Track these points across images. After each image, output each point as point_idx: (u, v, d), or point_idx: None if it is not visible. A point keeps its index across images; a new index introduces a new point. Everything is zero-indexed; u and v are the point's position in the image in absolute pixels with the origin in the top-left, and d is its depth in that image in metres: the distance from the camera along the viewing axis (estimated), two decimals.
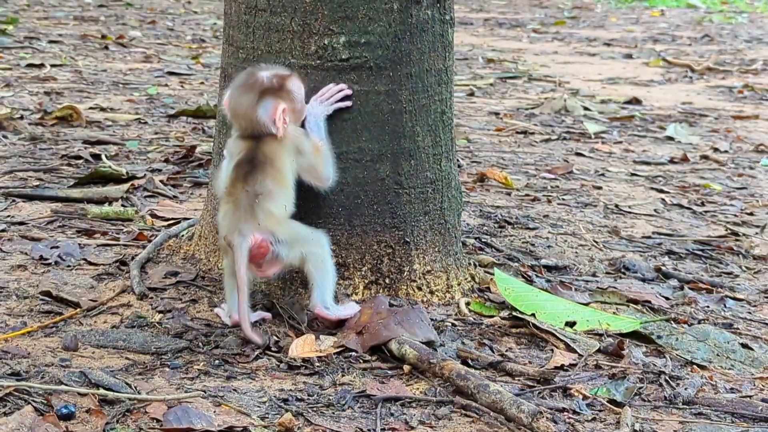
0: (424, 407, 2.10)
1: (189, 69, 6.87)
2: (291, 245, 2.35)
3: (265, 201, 2.33)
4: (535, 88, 7.07)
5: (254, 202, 2.32)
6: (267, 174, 2.35)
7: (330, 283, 2.40)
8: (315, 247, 2.39)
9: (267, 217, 2.32)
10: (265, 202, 2.33)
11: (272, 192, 2.34)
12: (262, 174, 2.34)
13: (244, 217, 2.31)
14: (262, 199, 2.33)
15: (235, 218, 2.32)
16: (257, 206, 2.32)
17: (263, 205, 2.32)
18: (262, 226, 2.31)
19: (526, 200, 3.88)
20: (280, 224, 2.34)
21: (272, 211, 2.33)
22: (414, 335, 2.33)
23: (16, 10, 9.65)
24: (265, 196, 2.33)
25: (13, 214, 3.25)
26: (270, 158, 2.36)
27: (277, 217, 2.34)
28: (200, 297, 2.58)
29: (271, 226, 2.32)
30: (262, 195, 2.33)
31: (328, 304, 2.39)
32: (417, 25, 2.61)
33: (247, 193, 2.33)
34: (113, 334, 2.34)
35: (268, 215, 2.32)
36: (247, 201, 2.32)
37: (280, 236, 2.33)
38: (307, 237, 2.39)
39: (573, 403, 2.15)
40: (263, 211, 2.32)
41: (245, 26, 2.64)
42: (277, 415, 2.02)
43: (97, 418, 1.93)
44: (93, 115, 4.97)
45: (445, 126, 2.73)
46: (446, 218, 2.73)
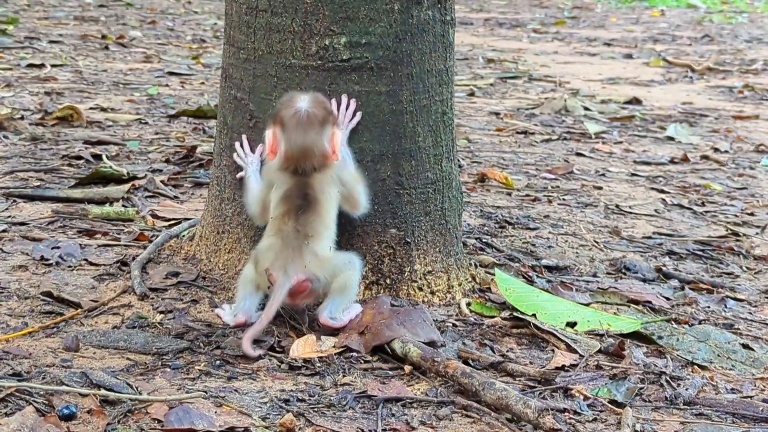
0: (425, 408, 2.10)
1: (189, 69, 6.87)
2: (329, 281, 2.38)
3: (314, 243, 2.34)
4: (536, 88, 7.07)
5: (303, 243, 2.33)
6: (318, 214, 2.36)
7: (348, 301, 2.42)
8: (348, 275, 2.40)
9: (314, 260, 2.34)
10: (313, 244, 2.34)
11: (321, 234, 2.36)
12: (313, 214, 2.35)
13: (292, 257, 2.32)
14: (312, 241, 2.34)
15: (282, 256, 2.33)
16: (306, 248, 2.33)
17: (312, 247, 2.34)
18: (308, 269, 2.33)
19: (526, 200, 3.88)
20: (324, 265, 2.36)
21: (319, 254, 2.35)
22: (416, 335, 2.33)
23: (17, 10, 9.65)
24: (315, 237, 2.35)
25: (14, 214, 3.25)
26: (320, 195, 2.37)
27: (323, 258, 2.36)
28: (201, 297, 2.58)
29: (316, 268, 2.34)
30: (313, 237, 2.34)
31: (335, 315, 2.39)
32: (418, 26, 2.61)
33: (297, 233, 2.34)
34: (114, 334, 2.34)
35: (315, 257, 2.34)
36: (297, 241, 2.33)
37: (322, 276, 2.36)
38: (344, 267, 2.40)
39: (574, 404, 2.15)
40: (311, 253, 2.33)
41: (246, 27, 2.64)
42: (279, 415, 2.02)
43: (98, 418, 1.93)
44: (93, 116, 4.97)
45: (446, 126, 2.73)
46: (447, 218, 2.73)
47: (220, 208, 2.75)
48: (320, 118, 2.38)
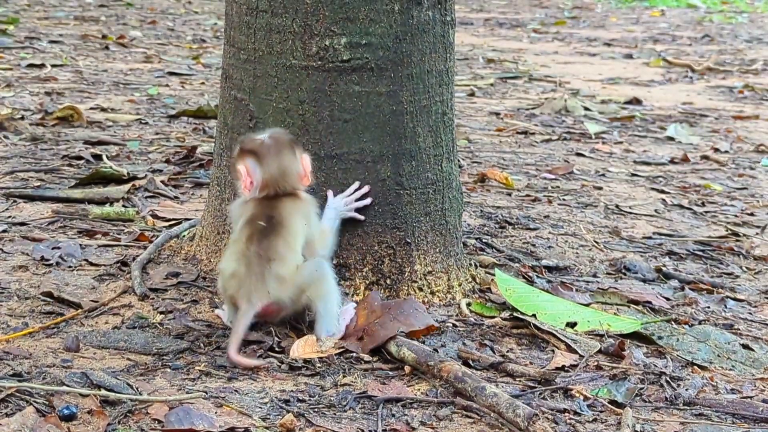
0: (426, 408, 2.11)
1: (190, 69, 6.88)
2: (298, 297, 2.35)
3: (276, 266, 2.31)
4: (536, 88, 7.07)
5: (266, 267, 2.30)
6: (280, 236, 2.33)
7: (334, 309, 2.39)
8: (319, 286, 2.36)
9: (276, 285, 2.30)
10: (276, 268, 2.31)
11: (285, 257, 2.32)
12: (275, 237, 2.33)
13: (255, 285, 2.29)
14: (275, 265, 2.31)
15: (246, 283, 2.29)
16: (268, 272, 2.30)
17: (275, 270, 2.30)
18: (273, 294, 2.31)
19: (526, 201, 3.88)
20: (288, 288, 2.32)
21: (283, 277, 2.31)
22: (411, 326, 2.33)
23: (17, 10, 9.65)
24: (278, 261, 2.31)
25: (14, 214, 3.25)
26: (286, 219, 2.36)
27: (288, 281, 2.32)
28: (201, 298, 2.59)
29: (281, 292, 2.31)
30: (275, 261, 2.31)
31: (331, 329, 2.38)
32: (418, 27, 2.61)
33: (260, 258, 2.30)
34: (114, 334, 2.34)
35: (279, 281, 2.31)
36: (259, 266, 2.30)
37: (287, 298, 2.33)
38: (312, 279, 2.36)
39: (574, 404, 2.15)
40: (274, 278, 2.30)
41: (246, 27, 2.64)
42: (279, 416, 2.02)
43: (98, 419, 1.93)
44: (94, 116, 4.97)
45: (446, 127, 2.73)
46: (447, 219, 2.74)
47: (220, 208, 2.75)
48: (289, 141, 2.43)
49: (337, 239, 2.53)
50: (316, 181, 2.53)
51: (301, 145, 2.53)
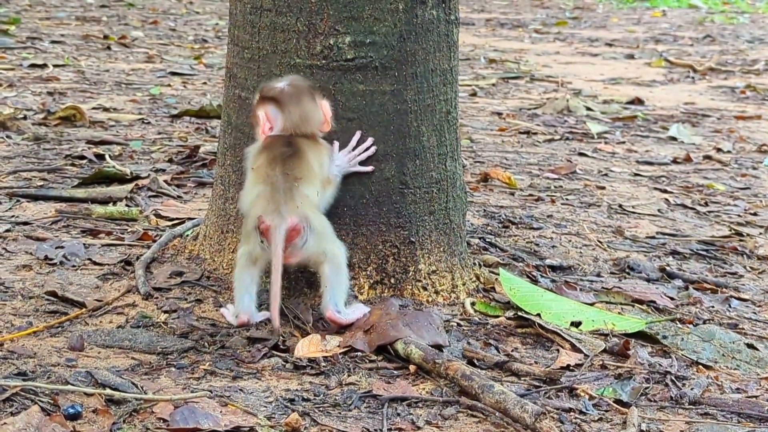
0: (431, 407, 2.10)
1: (191, 69, 6.87)
2: (319, 238, 2.37)
3: (303, 185, 2.35)
4: (538, 88, 7.07)
5: (293, 185, 2.34)
6: (304, 160, 2.38)
7: (344, 288, 2.41)
8: (337, 250, 2.40)
9: (304, 201, 2.34)
10: (302, 187, 2.35)
11: (308, 178, 2.37)
12: (299, 160, 2.37)
13: (284, 199, 2.32)
14: (301, 183, 2.35)
15: (273, 200, 2.32)
16: (296, 190, 2.34)
17: (301, 189, 2.35)
18: (300, 210, 2.33)
19: (529, 200, 3.88)
20: (314, 211, 2.37)
21: (309, 196, 2.36)
22: (421, 337, 2.32)
23: (18, 11, 9.65)
24: (303, 180, 2.36)
25: (17, 214, 3.25)
26: (304, 147, 2.40)
27: (313, 202, 2.37)
28: (205, 297, 2.58)
29: (308, 211, 2.35)
30: (301, 179, 2.35)
31: (340, 308, 2.39)
32: (422, 25, 2.61)
33: (287, 176, 2.35)
34: (119, 334, 2.34)
35: (305, 200, 2.35)
36: (286, 184, 2.34)
37: (313, 223, 2.35)
38: (333, 237, 2.42)
39: (579, 403, 2.15)
40: (301, 195, 2.34)
41: (250, 26, 2.64)
42: (284, 415, 2.01)
43: (103, 417, 1.93)
44: (96, 115, 4.97)
45: (450, 126, 2.73)
46: (451, 218, 2.73)
47: (224, 207, 2.74)
48: (309, 88, 2.46)
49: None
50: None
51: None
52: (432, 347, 2.30)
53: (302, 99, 2.42)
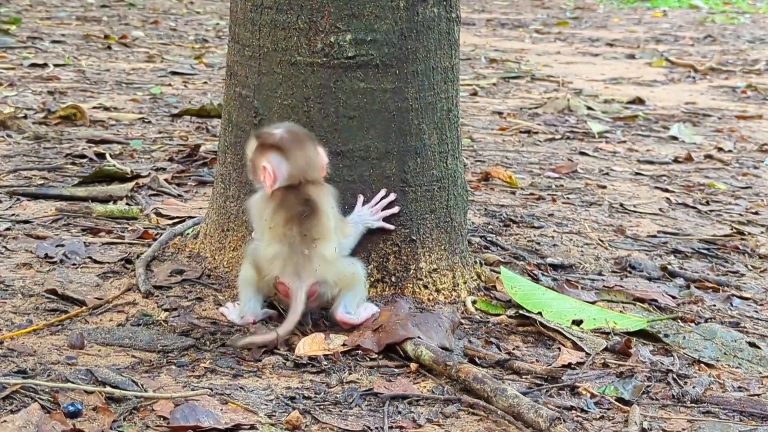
0: (432, 405, 2.10)
1: (192, 69, 6.87)
2: (336, 283, 2.37)
3: (320, 245, 2.33)
4: (538, 87, 7.06)
5: (312, 246, 2.32)
6: (319, 219, 2.34)
7: (360, 296, 2.41)
8: (354, 273, 2.40)
9: (322, 263, 2.33)
10: (320, 247, 2.33)
11: (326, 237, 2.35)
12: (316, 218, 2.34)
13: (302, 263, 2.31)
14: (318, 243, 2.33)
15: (291, 262, 2.31)
16: (314, 251, 2.32)
17: (319, 249, 2.33)
18: (318, 273, 2.32)
19: (530, 199, 3.87)
20: (331, 268, 2.35)
21: (326, 256, 2.34)
22: (430, 338, 2.31)
23: (19, 10, 9.64)
24: (321, 240, 2.34)
25: (17, 212, 3.24)
26: (320, 202, 2.37)
27: (330, 261, 2.35)
28: (206, 295, 2.58)
29: (326, 271, 2.34)
30: (318, 240, 2.33)
31: (350, 309, 2.39)
32: (423, 23, 2.60)
33: (304, 237, 2.32)
34: (119, 332, 2.33)
35: (323, 261, 2.33)
36: (303, 246, 2.32)
37: (330, 279, 2.35)
38: (349, 267, 2.41)
39: (581, 402, 2.14)
40: (319, 257, 2.33)
41: (251, 24, 2.63)
42: (285, 413, 2.01)
43: (104, 415, 1.92)
44: (97, 115, 4.96)
45: (451, 124, 2.72)
46: (452, 216, 2.73)
47: (224, 205, 2.74)
48: (307, 134, 2.43)
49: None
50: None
51: None
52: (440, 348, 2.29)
53: (305, 144, 2.38)
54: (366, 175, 2.59)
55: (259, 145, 2.38)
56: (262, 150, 2.37)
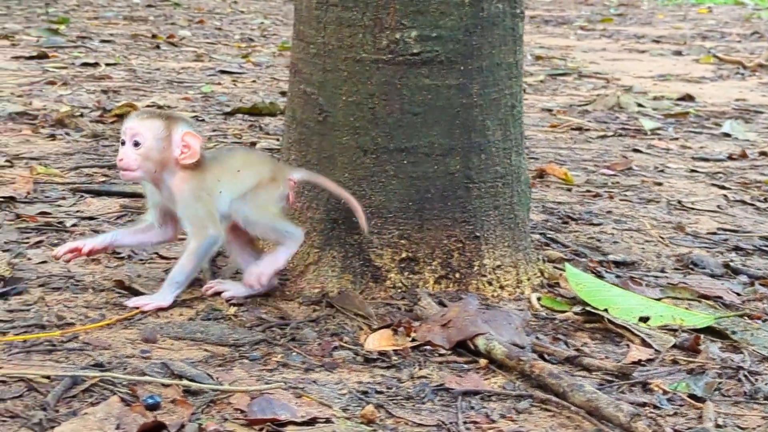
0: (504, 401, 2.10)
1: (240, 68, 6.91)
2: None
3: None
4: (586, 85, 7.03)
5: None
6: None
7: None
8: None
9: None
10: None
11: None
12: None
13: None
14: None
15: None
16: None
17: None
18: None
19: (587, 196, 3.86)
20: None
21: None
22: (500, 335, 2.30)
23: (66, 10, 9.75)
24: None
25: (82, 209, 3.28)
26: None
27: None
28: (272, 290, 2.59)
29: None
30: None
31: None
32: (488, 19, 2.60)
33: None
34: (190, 326, 2.35)
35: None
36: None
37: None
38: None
39: (653, 398, 2.13)
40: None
41: (316, 21, 2.64)
42: (358, 407, 2.02)
43: (182, 408, 1.94)
44: None
45: (515, 120, 2.72)
46: (516, 213, 2.73)
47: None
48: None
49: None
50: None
51: (371, 137, 2.54)
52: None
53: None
54: (430, 172, 2.60)
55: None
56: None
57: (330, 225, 2.64)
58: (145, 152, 2.46)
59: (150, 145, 2.47)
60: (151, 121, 2.49)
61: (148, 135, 2.47)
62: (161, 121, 2.50)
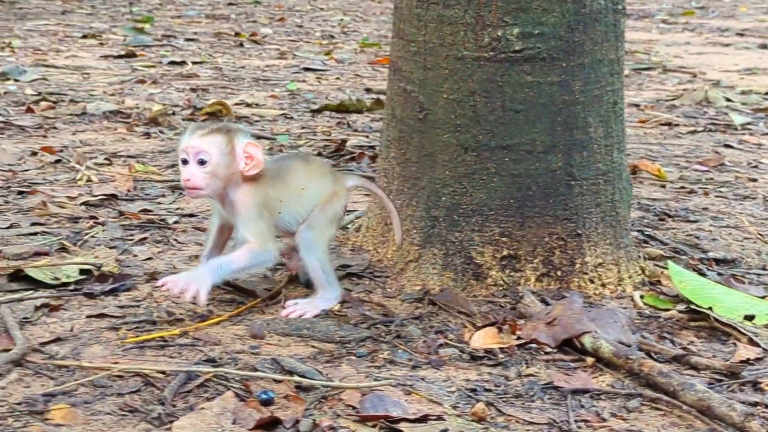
0: (613, 400, 2.09)
1: (324, 65, 6.95)
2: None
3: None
4: (672, 79, 6.94)
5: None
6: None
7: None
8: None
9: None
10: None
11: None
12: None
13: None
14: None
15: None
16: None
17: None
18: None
19: (682, 193, 3.81)
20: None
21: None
22: (607, 334, 2.29)
23: (150, 9, 9.90)
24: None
25: (182, 206, 3.34)
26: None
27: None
28: (374, 288, 2.61)
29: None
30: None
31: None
32: (590, 15, 2.59)
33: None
34: (297, 322, 2.38)
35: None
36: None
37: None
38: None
39: (765, 398, 2.10)
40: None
41: (417, 19, 2.65)
42: (468, 404, 2.02)
43: (296, 403, 1.96)
44: (240, 111, 5.07)
45: (616, 117, 2.70)
46: (617, 210, 2.71)
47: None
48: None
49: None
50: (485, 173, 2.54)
51: (472, 135, 2.55)
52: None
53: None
54: (532, 169, 2.59)
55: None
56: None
57: (430, 222, 2.64)
58: (213, 170, 2.36)
59: (217, 161, 2.36)
60: (213, 137, 2.37)
61: (214, 151, 2.36)
62: (222, 135, 2.38)
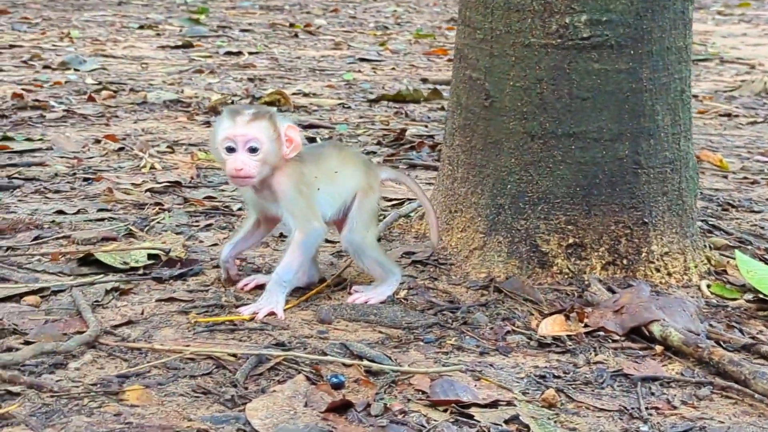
0: (684, 387, 2.08)
1: (379, 55, 6.97)
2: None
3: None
4: (729, 70, 6.86)
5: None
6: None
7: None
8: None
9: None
10: None
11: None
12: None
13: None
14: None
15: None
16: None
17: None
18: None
19: (744, 183, 3.77)
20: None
21: None
22: (675, 322, 2.28)
23: (204, 0, 9.97)
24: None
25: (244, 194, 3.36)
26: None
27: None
28: (438, 275, 2.62)
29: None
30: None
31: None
32: (659, 2, 2.57)
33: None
34: (364, 308, 2.39)
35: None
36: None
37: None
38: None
39: None
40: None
41: (483, 7, 2.65)
42: (537, 390, 2.02)
43: (366, 387, 1.98)
44: (298, 101, 5.09)
45: (684, 105, 2.68)
46: (684, 199, 2.69)
47: (452, 187, 2.77)
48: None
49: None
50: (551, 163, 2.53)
51: (539, 123, 2.55)
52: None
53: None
54: (598, 157, 2.58)
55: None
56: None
57: (496, 210, 2.64)
58: (264, 157, 2.33)
59: (267, 148, 2.33)
60: (260, 123, 2.33)
61: (264, 138, 2.32)
62: (268, 120, 2.34)
